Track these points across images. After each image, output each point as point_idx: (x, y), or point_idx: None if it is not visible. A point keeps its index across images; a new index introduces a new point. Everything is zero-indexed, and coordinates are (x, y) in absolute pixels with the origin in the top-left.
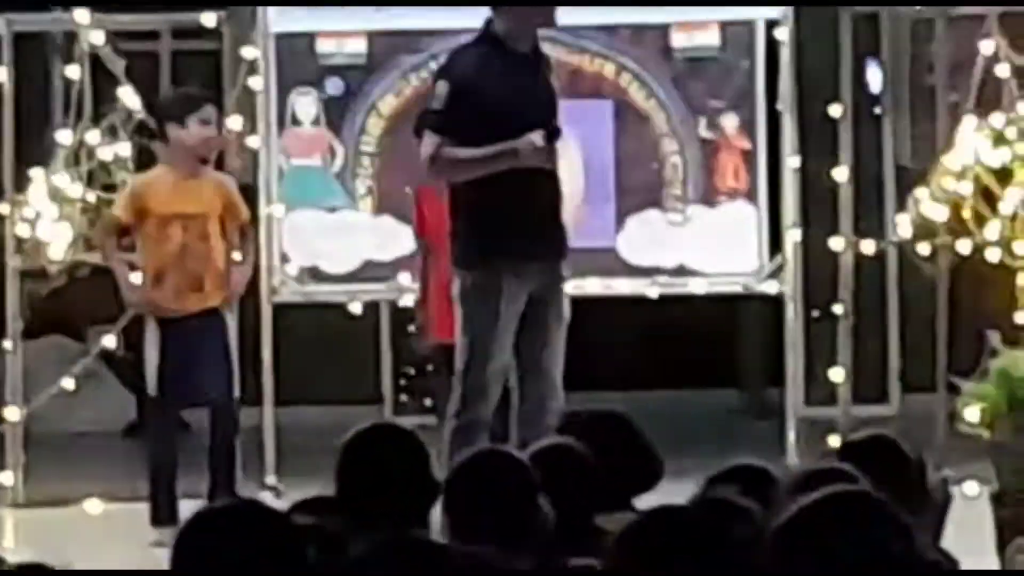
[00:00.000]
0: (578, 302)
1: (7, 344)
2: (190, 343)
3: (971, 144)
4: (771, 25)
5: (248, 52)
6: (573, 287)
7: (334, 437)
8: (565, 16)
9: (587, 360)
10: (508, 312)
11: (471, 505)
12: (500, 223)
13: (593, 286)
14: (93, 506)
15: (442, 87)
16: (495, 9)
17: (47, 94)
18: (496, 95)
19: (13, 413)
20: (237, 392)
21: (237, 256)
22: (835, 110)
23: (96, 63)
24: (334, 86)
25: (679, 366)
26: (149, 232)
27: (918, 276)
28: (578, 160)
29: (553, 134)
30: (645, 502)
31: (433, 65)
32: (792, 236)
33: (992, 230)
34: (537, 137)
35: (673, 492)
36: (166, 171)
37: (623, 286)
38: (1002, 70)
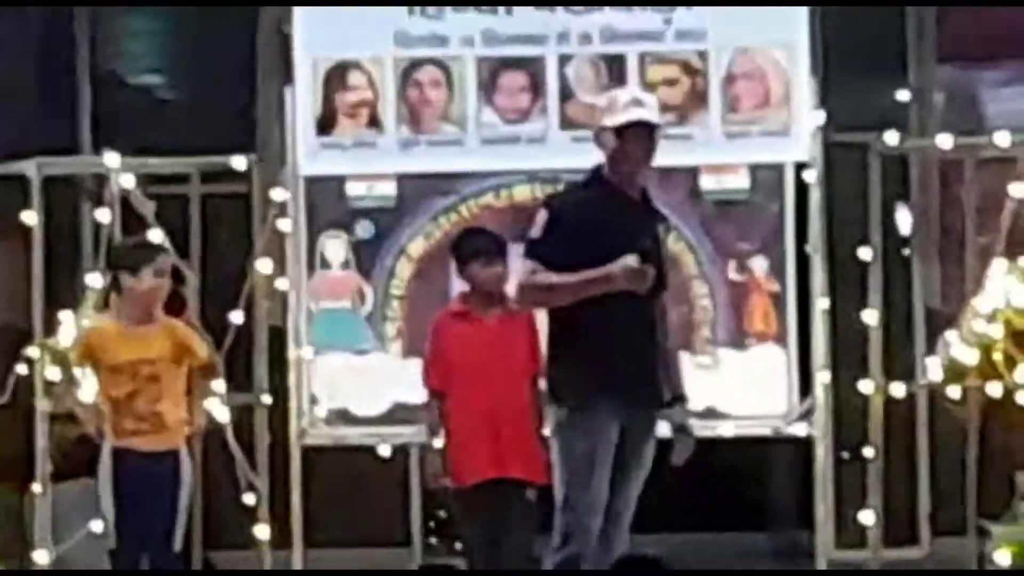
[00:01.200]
0: None
1: (36, 487)
2: (138, 487)
3: (1001, 287)
4: (800, 167)
5: (278, 195)
6: None
7: None
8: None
9: None
10: (603, 447)
11: None
12: (592, 359)
13: None
14: None
15: (542, 215)
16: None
17: (77, 237)
18: (592, 227)
19: (42, 556)
20: (178, 545)
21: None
22: (865, 252)
23: (126, 206)
24: (364, 229)
25: (708, 508)
26: (102, 378)
27: (948, 419)
28: None
29: (645, 257)
30: None
31: (464, 208)
32: (822, 379)
33: (1023, 373)
34: (632, 259)
35: None
36: (116, 320)
37: None
38: None
